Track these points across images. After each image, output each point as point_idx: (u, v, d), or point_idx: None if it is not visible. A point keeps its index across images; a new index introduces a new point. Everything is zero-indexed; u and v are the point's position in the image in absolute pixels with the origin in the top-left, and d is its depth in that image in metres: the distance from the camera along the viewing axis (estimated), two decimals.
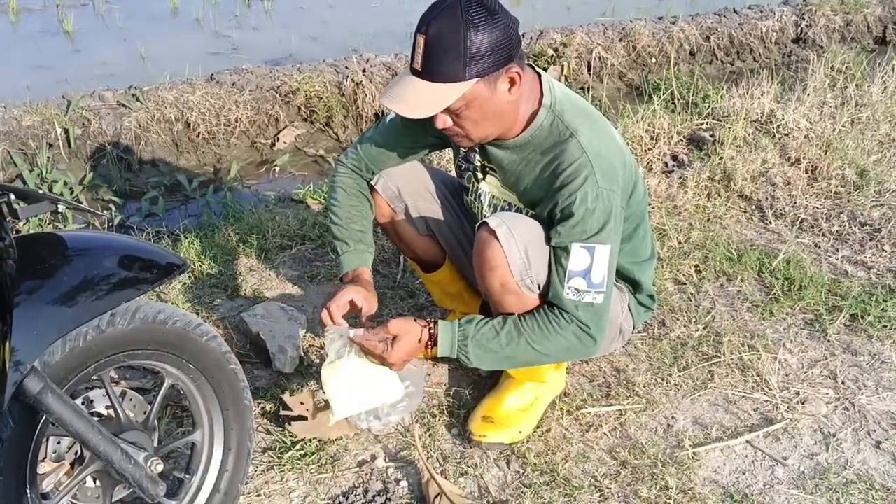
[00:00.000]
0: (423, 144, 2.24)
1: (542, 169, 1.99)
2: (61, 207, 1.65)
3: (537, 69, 2.01)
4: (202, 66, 5.21)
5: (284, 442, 2.28)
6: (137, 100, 4.68)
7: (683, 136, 4.06)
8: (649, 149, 3.90)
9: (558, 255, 1.96)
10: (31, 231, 3.27)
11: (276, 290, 2.96)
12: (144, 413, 1.89)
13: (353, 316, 2.15)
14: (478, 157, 2.15)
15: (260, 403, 2.42)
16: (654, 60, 5.96)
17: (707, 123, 4.17)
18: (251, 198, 4.19)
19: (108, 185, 4.31)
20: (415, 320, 2.00)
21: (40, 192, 1.60)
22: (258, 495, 2.14)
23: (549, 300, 1.99)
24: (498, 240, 1.96)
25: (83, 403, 1.82)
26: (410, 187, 2.32)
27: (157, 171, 4.56)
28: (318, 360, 2.59)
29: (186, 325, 1.86)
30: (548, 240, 1.97)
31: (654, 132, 4.01)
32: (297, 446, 2.26)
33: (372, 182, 2.31)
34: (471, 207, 2.31)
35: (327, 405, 2.14)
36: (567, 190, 1.92)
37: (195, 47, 6.00)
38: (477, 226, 2.04)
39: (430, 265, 2.47)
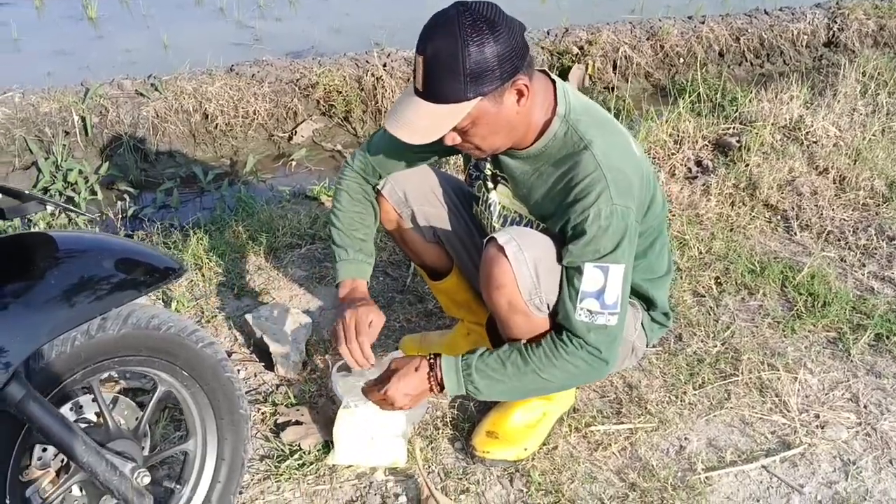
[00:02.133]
0: (432, 150, 2.16)
1: (554, 182, 1.90)
2: (50, 208, 1.59)
3: (551, 76, 1.92)
4: (224, 57, 5.15)
5: (283, 450, 2.22)
6: (156, 89, 4.63)
7: (709, 141, 3.96)
8: (673, 153, 3.79)
9: (570, 275, 1.87)
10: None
11: (284, 290, 2.90)
12: (136, 419, 1.84)
13: None
14: (489, 166, 2.06)
15: (260, 409, 2.36)
16: (681, 61, 5.84)
17: (734, 128, 4.06)
18: (266, 192, 4.13)
19: (123, 176, 4.27)
20: (420, 357, 1.97)
21: (27, 192, 1.53)
22: None
23: (558, 321, 1.91)
24: (506, 257, 1.87)
25: (72, 409, 1.77)
26: (418, 192, 2.24)
27: (173, 162, 4.51)
28: (321, 365, 2.53)
29: (181, 330, 1.79)
30: (559, 258, 1.88)
31: (678, 136, 3.90)
32: (296, 455, 2.20)
33: (378, 186, 2.23)
34: (480, 218, 2.22)
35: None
36: (580, 206, 1.83)
37: (218, 37, 5.97)
38: (485, 241, 1.95)
39: (438, 273, 2.40)
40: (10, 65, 5.39)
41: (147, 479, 1.70)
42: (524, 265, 1.86)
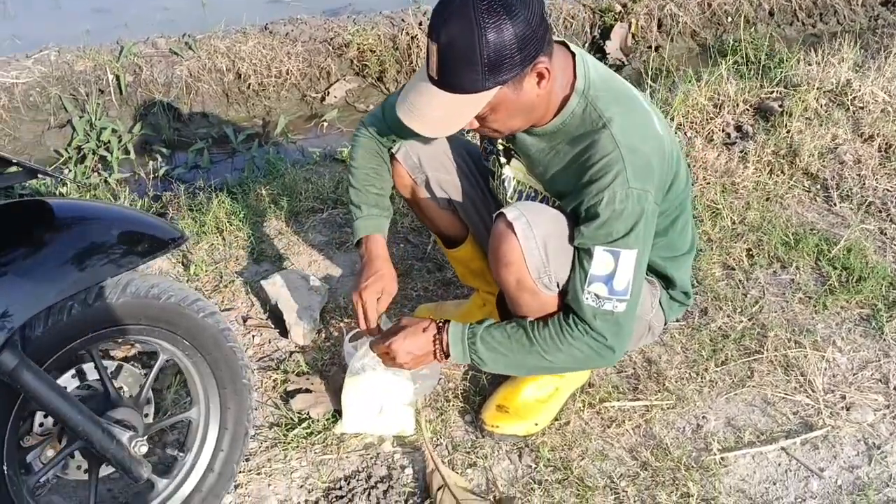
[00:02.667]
0: None
1: (570, 160, 1.82)
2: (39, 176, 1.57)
3: (571, 46, 1.83)
4: (260, 15, 5.10)
5: (291, 419, 2.21)
6: (190, 48, 4.61)
7: (750, 105, 3.81)
8: (711, 118, 3.66)
9: (580, 257, 1.81)
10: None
11: (303, 255, 2.88)
12: (140, 387, 1.83)
13: None
14: (501, 140, 1.99)
15: (272, 375, 2.35)
16: (729, 20, 5.63)
17: (777, 92, 3.90)
18: (295, 154, 4.11)
19: (156, 135, 4.28)
20: (429, 319, 1.94)
21: (14, 159, 1.52)
22: (258, 473, 2.07)
23: (566, 303, 1.85)
24: (515, 233, 1.81)
25: (75, 376, 1.78)
26: (433, 158, 2.19)
27: (206, 121, 4.51)
28: (336, 333, 2.51)
29: (182, 300, 1.78)
30: (572, 236, 1.82)
31: (718, 100, 3.76)
32: (304, 424, 2.19)
33: (393, 150, 2.18)
34: (496, 193, 2.16)
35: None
36: (595, 187, 1.75)
37: None
38: (494, 216, 1.89)
39: (453, 240, 2.34)
40: (51, 22, 5.41)
41: (144, 449, 1.70)
42: (533, 242, 1.80)
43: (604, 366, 1.95)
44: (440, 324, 1.92)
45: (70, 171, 3.80)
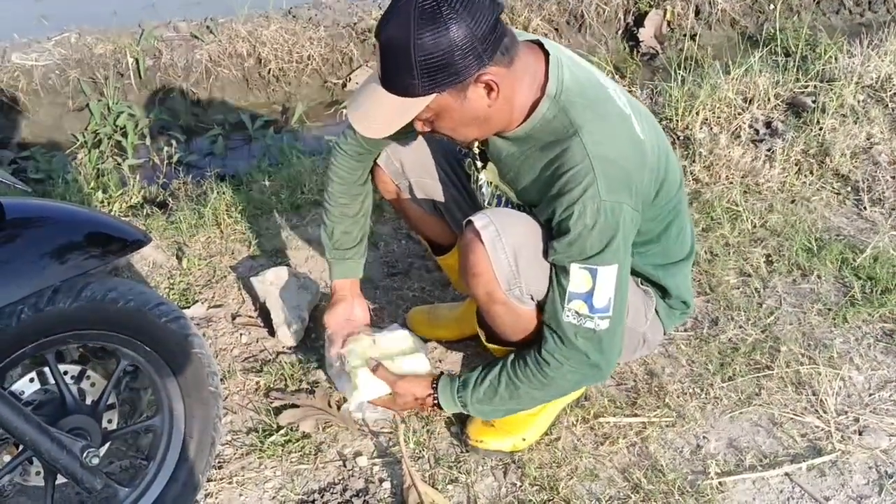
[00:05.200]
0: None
1: (541, 169, 1.70)
2: None
3: (546, 46, 1.70)
4: None
5: (270, 425, 2.13)
6: (211, 32, 4.55)
7: (782, 100, 3.62)
8: (739, 113, 3.48)
9: (557, 273, 1.70)
10: None
11: (300, 250, 2.80)
12: (101, 392, 1.77)
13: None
14: (477, 143, 1.87)
15: (256, 378, 2.28)
16: (772, 7, 5.39)
17: (813, 86, 3.70)
18: (311, 142, 4.03)
19: (174, 120, 4.23)
20: (428, 384, 1.94)
21: None
22: (230, 482, 2.00)
23: (545, 321, 1.75)
24: (482, 243, 1.70)
25: (34, 379, 1.71)
26: (415, 163, 2.09)
27: (224, 107, 4.45)
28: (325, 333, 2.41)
29: (143, 304, 1.70)
30: (547, 248, 1.71)
31: (747, 93, 3.58)
32: (282, 431, 2.11)
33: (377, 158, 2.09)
34: (475, 196, 2.05)
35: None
36: (565, 200, 1.63)
37: None
38: (464, 223, 1.78)
39: (443, 247, 2.24)
40: (79, 3, 5.38)
41: (96, 460, 1.63)
42: (502, 252, 1.69)
43: (597, 382, 1.88)
44: (434, 394, 1.92)
45: (85, 155, 3.77)
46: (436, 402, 1.91)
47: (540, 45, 1.70)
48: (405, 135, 1.97)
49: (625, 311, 1.76)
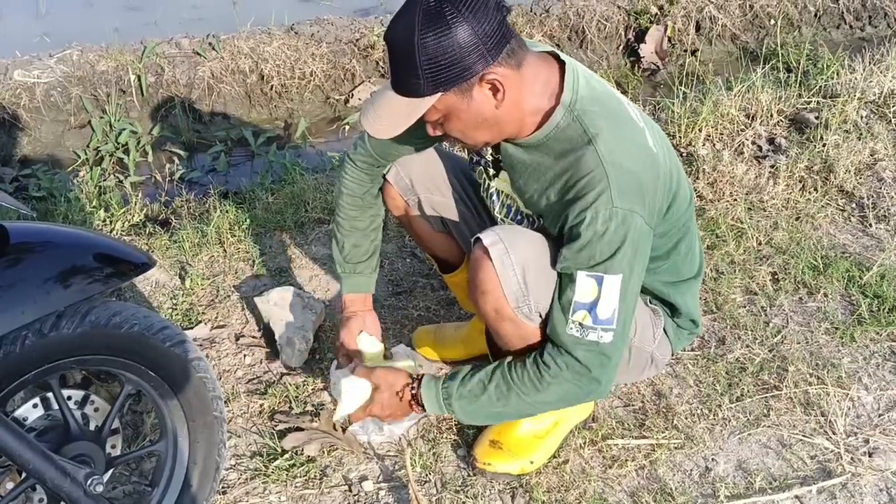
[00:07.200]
0: (435, 136, 1.98)
1: (553, 177, 1.70)
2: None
3: (561, 57, 1.70)
4: (290, 14, 5.01)
5: (274, 448, 2.11)
6: (213, 48, 4.55)
7: (785, 116, 3.61)
8: (742, 129, 3.48)
9: (563, 283, 1.69)
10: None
11: (304, 269, 2.78)
12: (105, 418, 1.75)
13: None
14: (490, 151, 1.87)
15: (259, 401, 2.26)
16: (772, 22, 5.39)
17: (816, 102, 3.70)
18: (314, 158, 4.02)
19: (176, 137, 4.22)
20: (405, 375, 1.86)
21: None
22: None
23: (547, 333, 1.72)
24: (491, 260, 1.70)
25: (37, 405, 1.69)
26: (425, 179, 2.08)
27: (227, 123, 4.44)
28: (330, 355, 2.40)
29: (146, 329, 1.69)
30: (555, 263, 1.69)
31: (750, 110, 3.58)
32: (287, 455, 2.09)
33: (384, 172, 2.07)
34: (486, 204, 2.04)
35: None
36: (577, 206, 1.63)
37: None
38: (472, 240, 1.77)
39: (450, 265, 2.23)
40: (81, 20, 5.39)
41: (101, 487, 1.61)
42: (511, 270, 1.69)
43: (591, 400, 1.83)
44: (413, 384, 1.83)
45: (87, 172, 3.76)
46: (413, 394, 1.82)
47: (555, 56, 1.69)
48: (416, 145, 1.98)
49: (629, 327, 1.74)
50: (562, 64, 1.69)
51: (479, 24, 1.50)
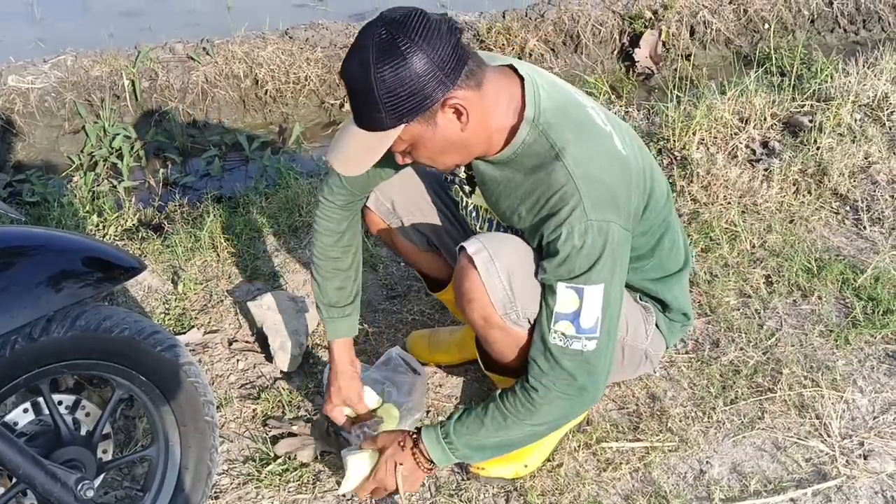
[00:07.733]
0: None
1: (524, 193, 1.69)
2: None
3: (520, 70, 1.68)
4: (284, 19, 5.01)
5: (267, 453, 2.10)
6: (207, 53, 4.55)
7: (779, 120, 3.62)
8: (736, 133, 3.48)
9: (545, 294, 1.69)
10: None
11: (298, 273, 2.78)
12: (96, 422, 1.74)
13: None
14: (463, 168, 1.86)
15: (251, 406, 2.25)
16: (766, 26, 5.40)
17: (810, 105, 3.70)
18: (309, 163, 4.01)
19: (170, 142, 4.22)
20: (403, 433, 1.85)
21: None
22: None
23: (532, 344, 1.73)
24: (476, 268, 1.69)
25: (27, 410, 1.68)
26: (406, 202, 2.07)
27: (221, 128, 4.43)
28: (323, 359, 2.39)
29: (137, 333, 1.68)
30: (537, 271, 1.69)
31: (744, 113, 3.58)
32: (280, 460, 2.08)
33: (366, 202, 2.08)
34: (466, 222, 2.03)
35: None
36: (552, 223, 1.63)
37: None
38: (457, 249, 1.77)
39: (438, 282, 2.23)
40: (76, 26, 5.38)
41: (91, 492, 1.60)
42: (496, 277, 1.68)
43: (590, 406, 1.83)
44: (413, 436, 1.82)
45: (80, 177, 3.75)
46: (414, 440, 1.81)
47: (513, 68, 1.69)
48: (391, 172, 1.96)
49: (614, 332, 1.74)
50: (521, 77, 1.68)
51: (434, 50, 1.49)
